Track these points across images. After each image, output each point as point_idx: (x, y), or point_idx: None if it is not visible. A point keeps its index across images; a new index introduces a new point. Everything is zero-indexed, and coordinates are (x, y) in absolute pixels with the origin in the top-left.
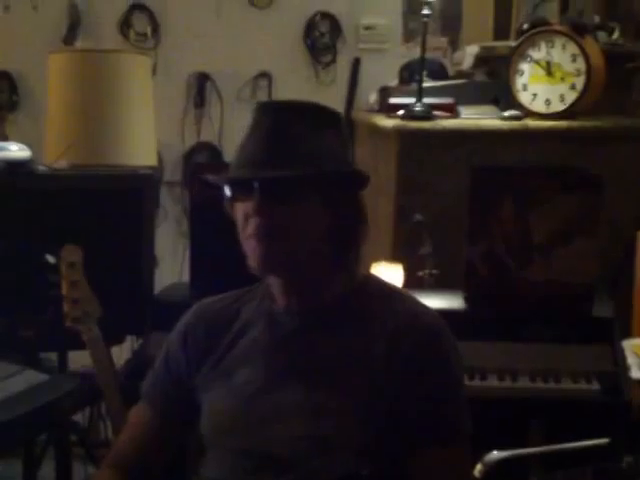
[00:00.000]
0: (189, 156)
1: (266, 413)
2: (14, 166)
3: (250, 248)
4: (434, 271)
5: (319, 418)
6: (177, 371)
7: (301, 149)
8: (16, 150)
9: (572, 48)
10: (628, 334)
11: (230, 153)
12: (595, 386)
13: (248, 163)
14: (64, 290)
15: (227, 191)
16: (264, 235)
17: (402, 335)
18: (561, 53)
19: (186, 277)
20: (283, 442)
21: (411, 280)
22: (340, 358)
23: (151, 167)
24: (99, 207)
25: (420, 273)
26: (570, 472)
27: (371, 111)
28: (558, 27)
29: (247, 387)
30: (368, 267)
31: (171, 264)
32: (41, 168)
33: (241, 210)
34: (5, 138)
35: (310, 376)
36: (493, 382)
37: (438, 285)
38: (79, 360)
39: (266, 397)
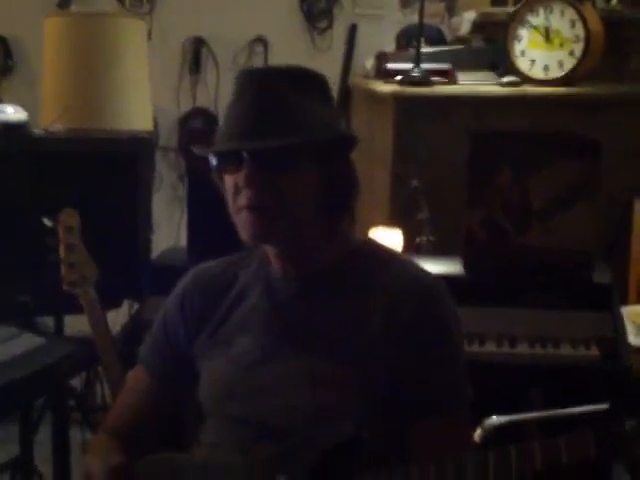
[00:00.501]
0: (184, 121)
1: (264, 382)
2: (10, 129)
3: (242, 221)
4: (431, 237)
5: (317, 387)
6: (174, 335)
7: (288, 116)
8: (12, 112)
9: (571, 14)
10: (624, 301)
11: None
12: (594, 352)
13: (235, 134)
14: (61, 254)
15: (215, 162)
16: (256, 206)
17: (402, 300)
18: (560, 19)
19: (183, 242)
20: (280, 411)
21: (409, 246)
22: (338, 325)
23: (147, 132)
24: (95, 170)
25: (417, 239)
26: (572, 436)
27: (368, 77)
28: None
29: (245, 356)
30: (366, 233)
31: (167, 229)
32: (37, 131)
33: (230, 181)
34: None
35: (308, 344)
36: (492, 348)
37: (435, 251)
38: (76, 325)
39: (264, 367)
